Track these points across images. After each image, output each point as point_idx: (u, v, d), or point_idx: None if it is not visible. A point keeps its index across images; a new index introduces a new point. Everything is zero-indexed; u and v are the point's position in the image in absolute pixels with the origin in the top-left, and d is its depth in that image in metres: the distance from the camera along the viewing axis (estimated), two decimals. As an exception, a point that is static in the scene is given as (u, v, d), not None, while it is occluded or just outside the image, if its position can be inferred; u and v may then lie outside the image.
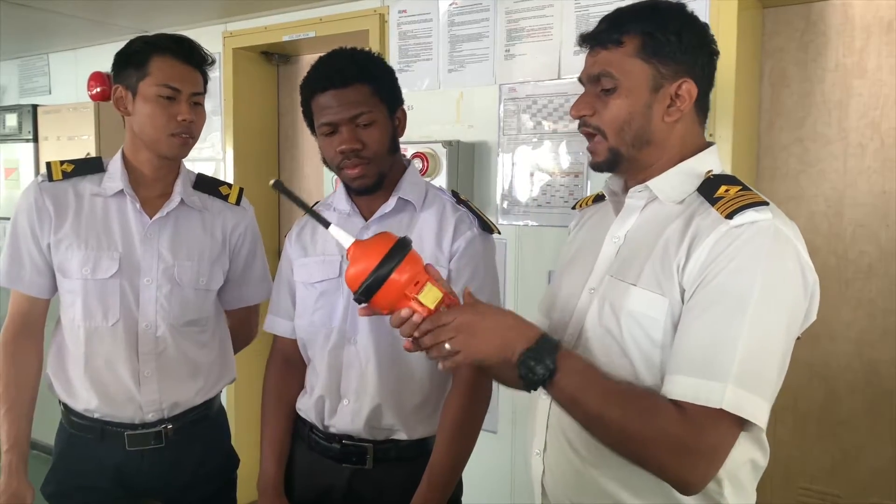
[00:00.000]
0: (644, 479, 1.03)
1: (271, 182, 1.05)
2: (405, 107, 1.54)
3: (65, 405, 1.67)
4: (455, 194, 1.55)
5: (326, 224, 1.05)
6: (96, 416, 1.61)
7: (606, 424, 1.00)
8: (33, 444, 1.68)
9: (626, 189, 1.18)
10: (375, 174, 1.44)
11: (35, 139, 3.76)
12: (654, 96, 1.08)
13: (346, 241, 1.05)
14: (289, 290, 1.60)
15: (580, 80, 1.16)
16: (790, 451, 2.16)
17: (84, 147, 3.50)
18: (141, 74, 1.55)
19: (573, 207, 1.44)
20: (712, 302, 0.97)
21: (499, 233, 1.55)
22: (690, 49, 1.08)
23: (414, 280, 1.02)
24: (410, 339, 1.05)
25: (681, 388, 0.97)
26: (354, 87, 1.40)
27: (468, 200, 1.55)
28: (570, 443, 1.12)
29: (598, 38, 1.12)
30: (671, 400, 0.98)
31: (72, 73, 3.78)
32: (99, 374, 1.60)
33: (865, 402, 2.06)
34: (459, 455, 1.47)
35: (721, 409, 0.94)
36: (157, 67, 1.54)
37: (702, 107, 1.13)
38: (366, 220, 1.50)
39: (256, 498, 1.57)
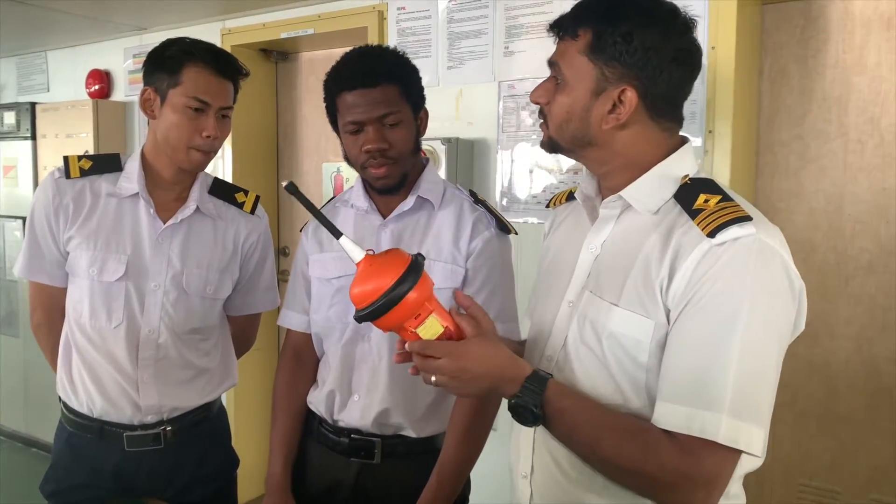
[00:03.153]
0: (637, 501, 1.01)
1: (284, 183, 1.02)
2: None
3: (64, 404, 1.67)
4: (473, 193, 1.55)
5: (338, 234, 1.03)
6: (95, 415, 1.61)
7: (602, 460, 0.99)
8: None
9: (599, 192, 1.13)
10: (399, 174, 1.45)
11: (33, 137, 3.76)
12: (594, 100, 1.03)
13: (357, 254, 1.02)
14: (304, 284, 1.60)
15: (548, 63, 1.12)
16: (790, 447, 2.16)
17: (82, 145, 3.50)
18: (173, 82, 1.53)
19: (547, 206, 1.39)
20: (699, 325, 0.94)
21: (515, 233, 1.56)
22: (640, 52, 0.99)
23: (417, 311, 1.00)
24: (402, 353, 1.04)
25: (673, 418, 0.94)
26: (383, 87, 1.40)
27: (485, 200, 1.55)
28: (559, 464, 1.09)
29: (560, 26, 1.08)
30: (664, 429, 0.95)
31: (70, 70, 3.78)
32: (99, 373, 1.60)
33: (865, 399, 2.06)
34: (469, 453, 1.47)
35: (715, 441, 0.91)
36: (190, 78, 1.52)
37: (662, 113, 1.04)
38: (384, 217, 1.51)
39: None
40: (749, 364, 0.92)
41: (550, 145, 1.11)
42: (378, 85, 1.39)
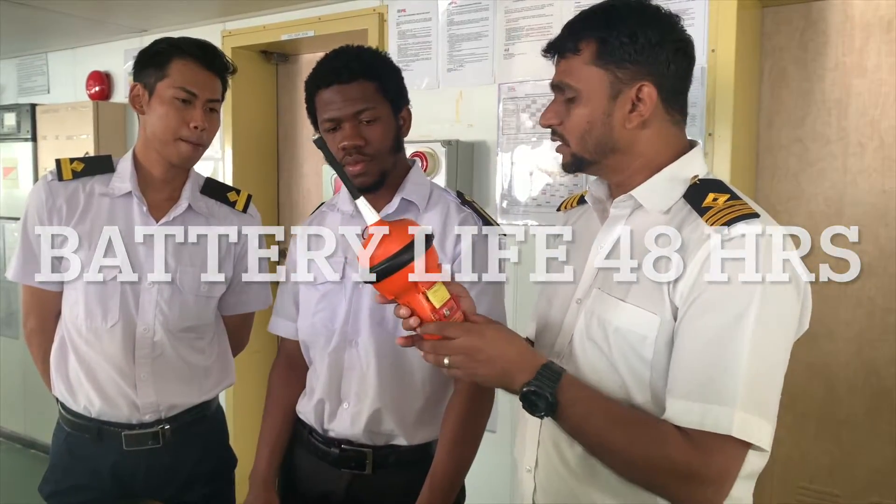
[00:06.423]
0: (640, 497, 1.01)
1: (314, 137, 1.12)
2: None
3: (62, 404, 1.67)
4: (460, 195, 1.53)
5: (357, 195, 1.05)
6: (93, 415, 1.61)
7: (611, 453, 1.00)
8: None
9: (610, 195, 1.15)
10: (377, 172, 1.43)
11: (34, 138, 3.76)
12: (613, 104, 1.05)
13: (371, 217, 1.04)
14: (292, 290, 1.59)
15: (551, 87, 1.14)
16: (789, 450, 2.16)
17: (83, 146, 3.50)
18: (160, 75, 1.55)
19: (558, 209, 1.41)
20: (710, 322, 0.95)
21: (504, 235, 1.54)
22: (648, 48, 1.04)
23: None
24: (409, 336, 1.05)
25: (687, 415, 0.95)
26: (358, 83, 1.39)
27: (473, 201, 1.53)
28: (563, 459, 1.10)
29: (557, 47, 1.11)
30: (675, 425, 0.96)
31: (70, 72, 3.78)
32: (96, 373, 1.60)
33: (865, 402, 2.06)
34: (462, 460, 1.45)
35: (729, 435, 0.93)
36: (176, 70, 1.55)
37: (674, 106, 1.08)
38: None
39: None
40: (759, 360, 0.94)
41: (574, 163, 1.12)
42: (353, 81, 1.39)
